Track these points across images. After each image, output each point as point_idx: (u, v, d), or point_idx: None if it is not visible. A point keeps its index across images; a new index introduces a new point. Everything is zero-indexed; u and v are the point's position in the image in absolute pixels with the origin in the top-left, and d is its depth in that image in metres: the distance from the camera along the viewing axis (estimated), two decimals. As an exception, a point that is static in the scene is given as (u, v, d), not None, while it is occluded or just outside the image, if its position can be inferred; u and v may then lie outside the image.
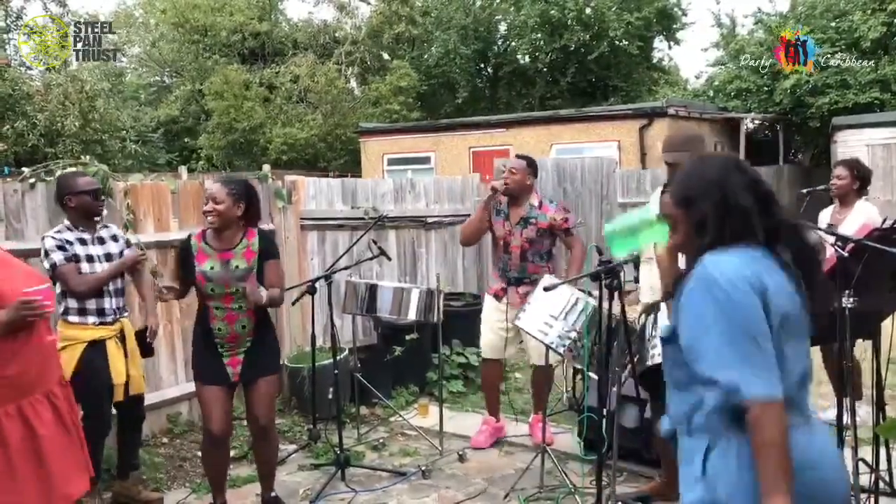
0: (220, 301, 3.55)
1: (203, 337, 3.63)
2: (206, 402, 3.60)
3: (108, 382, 3.73)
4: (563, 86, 22.29)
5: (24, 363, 2.86)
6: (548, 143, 15.05)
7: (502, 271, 4.67)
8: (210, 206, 3.48)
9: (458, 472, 4.42)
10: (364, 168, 17.71)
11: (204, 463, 3.85)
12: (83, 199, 3.79)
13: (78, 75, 16.88)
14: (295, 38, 24.57)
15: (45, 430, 2.87)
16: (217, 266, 3.54)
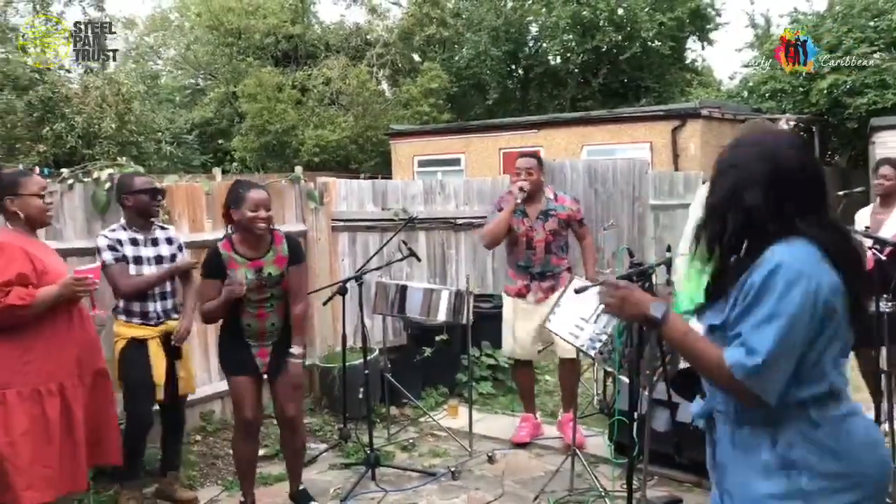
0: (255, 303, 3.61)
1: (231, 331, 3.68)
2: (237, 390, 3.65)
3: (148, 381, 3.78)
4: (594, 87, 22.16)
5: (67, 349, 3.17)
6: (579, 144, 14.96)
7: (524, 268, 4.67)
8: (263, 214, 3.52)
9: (488, 474, 4.42)
10: (394, 170, 17.76)
11: (235, 453, 3.87)
12: (140, 198, 3.86)
13: (115, 78, 17.18)
14: (327, 40, 24.73)
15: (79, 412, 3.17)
16: (251, 275, 3.57)
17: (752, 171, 1.78)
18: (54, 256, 3.33)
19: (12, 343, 3.06)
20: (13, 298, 2.97)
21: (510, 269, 4.79)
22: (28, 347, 3.07)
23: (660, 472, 4.16)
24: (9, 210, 3.18)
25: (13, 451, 3.00)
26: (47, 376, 3.09)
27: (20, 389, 3.05)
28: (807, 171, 1.78)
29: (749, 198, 1.76)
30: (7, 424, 3.01)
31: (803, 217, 1.74)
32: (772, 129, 1.88)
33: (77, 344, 3.22)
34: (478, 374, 5.83)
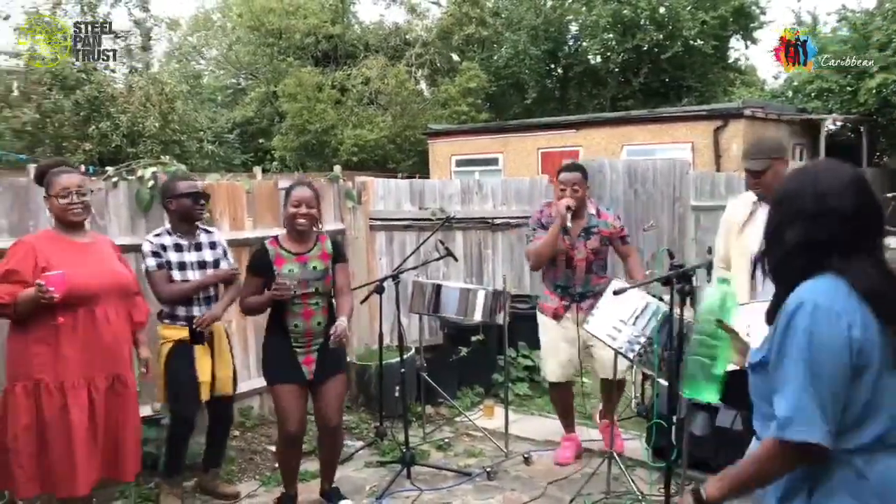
0: (299, 299, 3.65)
1: (278, 336, 3.70)
2: (284, 401, 3.65)
3: (193, 382, 3.83)
4: (635, 86, 21.92)
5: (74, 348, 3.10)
6: (619, 144, 14.83)
7: (563, 289, 4.41)
8: (305, 210, 3.61)
9: (524, 475, 4.40)
10: (432, 169, 17.79)
11: (280, 461, 3.93)
12: (182, 202, 3.91)
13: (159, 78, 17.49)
14: (366, 40, 24.86)
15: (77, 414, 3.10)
16: (296, 269, 3.64)
17: (798, 206, 1.73)
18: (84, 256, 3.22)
19: (22, 337, 3.08)
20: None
21: (546, 289, 4.52)
22: (35, 342, 3.07)
23: (698, 477, 4.09)
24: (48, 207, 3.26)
25: (17, 444, 3.04)
26: (52, 374, 3.07)
27: (25, 384, 3.06)
28: (859, 210, 1.70)
29: (789, 235, 1.72)
30: (13, 416, 3.05)
31: (846, 256, 1.67)
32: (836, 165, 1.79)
33: (94, 347, 3.16)
34: (514, 375, 5.80)
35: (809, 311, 1.62)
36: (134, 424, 3.38)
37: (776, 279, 1.78)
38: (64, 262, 3.08)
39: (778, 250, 1.76)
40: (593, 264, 4.39)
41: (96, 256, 3.29)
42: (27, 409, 3.04)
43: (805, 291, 1.66)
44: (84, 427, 3.10)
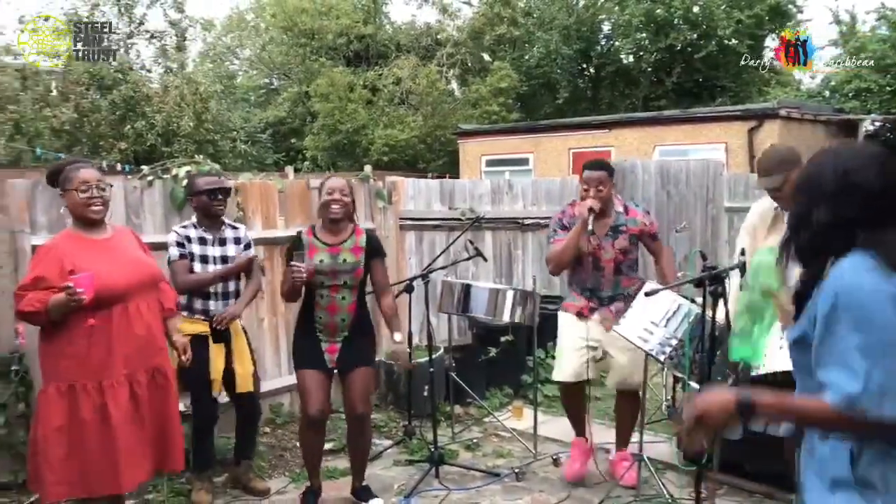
0: (328, 291, 3.70)
1: (304, 325, 3.80)
2: (305, 384, 3.74)
3: (206, 375, 3.88)
4: (667, 86, 21.71)
5: (111, 347, 3.04)
6: (651, 144, 14.69)
7: (591, 291, 4.19)
8: (338, 196, 3.68)
9: (552, 476, 4.38)
10: (462, 169, 17.79)
11: (301, 445, 3.99)
12: (201, 198, 3.99)
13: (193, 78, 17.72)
14: (398, 40, 24.94)
15: (117, 413, 3.04)
16: (326, 259, 3.70)
17: (821, 186, 1.73)
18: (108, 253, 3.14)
19: (55, 339, 3.02)
20: (25, 305, 2.94)
21: (573, 289, 4.29)
22: (68, 343, 3.00)
23: (730, 481, 4.05)
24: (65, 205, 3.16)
25: (47, 445, 2.98)
26: (85, 374, 3.01)
27: (58, 385, 3.00)
28: (886, 188, 1.69)
29: (816, 216, 1.72)
30: (45, 418, 3.00)
31: (877, 231, 1.67)
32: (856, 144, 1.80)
33: (132, 343, 3.10)
34: (543, 376, 5.78)
35: (854, 289, 1.62)
36: (176, 413, 3.37)
37: (804, 260, 1.78)
38: (90, 262, 3.02)
39: (805, 232, 1.75)
40: (622, 265, 4.17)
41: (120, 251, 3.21)
42: (60, 411, 2.99)
43: (845, 270, 1.65)
44: (126, 425, 3.06)
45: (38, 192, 4.12)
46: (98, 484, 3.04)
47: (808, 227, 1.74)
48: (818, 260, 1.74)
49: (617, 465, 4.30)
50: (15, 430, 3.96)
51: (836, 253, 1.70)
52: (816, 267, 1.74)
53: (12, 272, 4.02)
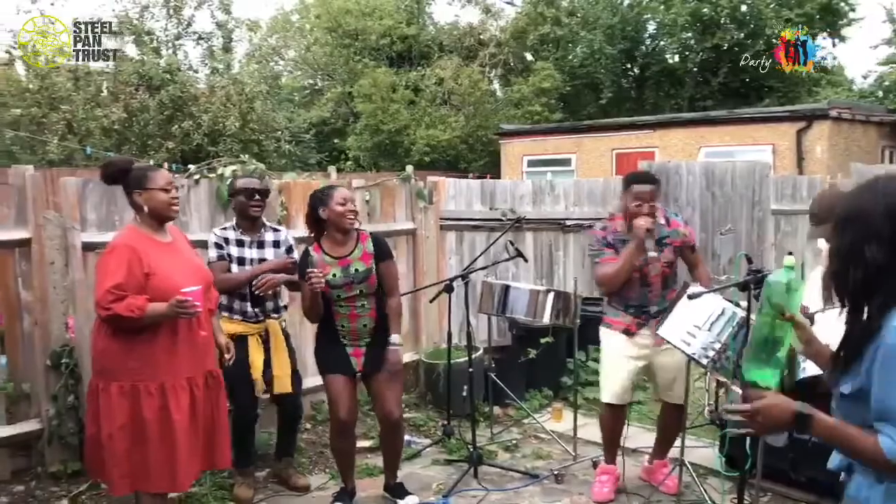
0: (345, 302, 3.70)
1: (328, 331, 3.78)
2: (333, 390, 3.76)
3: (246, 376, 3.92)
4: (713, 86, 21.39)
5: (175, 351, 3.12)
6: (696, 145, 14.49)
7: (637, 308, 3.98)
8: (352, 207, 3.67)
9: (592, 479, 4.34)
10: (503, 169, 17.75)
11: (332, 448, 4.02)
12: (238, 199, 4.04)
13: (239, 78, 17.98)
14: (441, 40, 25.00)
15: (179, 415, 3.11)
16: (339, 272, 3.67)
17: (872, 224, 1.66)
18: (173, 255, 3.24)
19: (119, 338, 3.08)
20: (122, 309, 2.97)
21: (612, 305, 4.07)
22: (133, 345, 3.07)
23: (774, 488, 3.97)
24: (137, 203, 3.20)
25: (112, 442, 3.06)
26: (149, 375, 3.08)
27: (122, 384, 3.06)
28: None
29: (870, 253, 1.65)
30: (109, 416, 3.07)
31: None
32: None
33: (188, 345, 3.18)
34: (583, 379, 5.74)
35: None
36: (226, 414, 3.47)
37: (855, 299, 1.71)
38: (163, 266, 3.12)
39: (858, 270, 1.68)
40: (668, 278, 4.02)
41: (184, 255, 3.32)
42: (123, 410, 3.06)
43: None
44: (185, 427, 3.13)
45: (89, 190, 4.23)
46: (157, 480, 3.13)
47: (860, 265, 1.67)
48: (869, 302, 1.68)
49: (656, 472, 4.23)
50: (65, 421, 4.07)
51: (889, 296, 1.64)
52: (864, 309, 1.68)
53: (63, 267, 4.13)
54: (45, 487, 4.01)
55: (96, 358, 3.19)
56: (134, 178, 3.21)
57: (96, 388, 3.14)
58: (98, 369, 3.17)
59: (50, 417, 4.09)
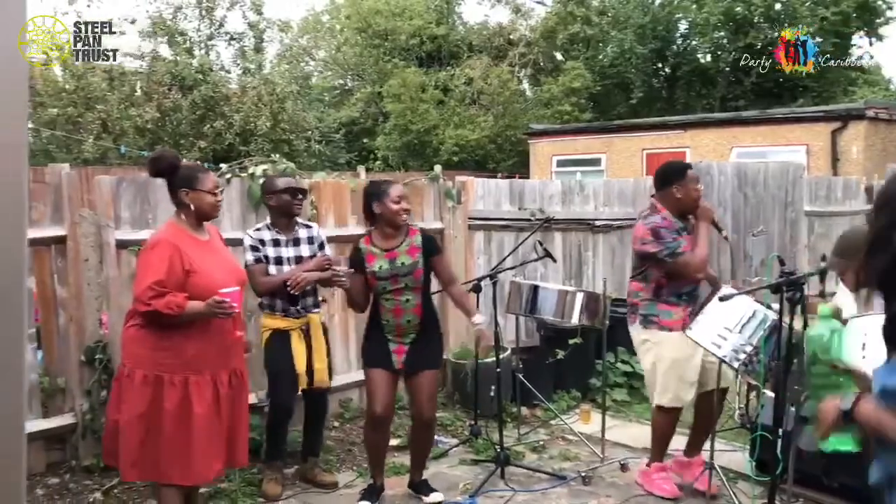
0: (391, 295, 3.74)
1: (373, 327, 3.85)
2: (371, 383, 3.81)
3: (290, 370, 3.98)
4: (746, 86, 21.09)
5: (204, 347, 3.17)
6: (728, 146, 14.31)
7: (689, 295, 4.05)
8: (405, 206, 3.75)
9: (620, 482, 4.32)
10: (532, 169, 17.68)
11: (365, 442, 4.06)
12: (282, 197, 4.07)
13: (270, 79, 18.12)
14: (470, 40, 24.98)
15: (200, 408, 3.14)
16: (385, 264, 3.73)
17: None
18: (212, 254, 3.30)
19: (150, 329, 3.13)
20: (162, 305, 3.02)
21: (662, 303, 4.02)
22: (163, 337, 3.12)
23: (805, 493, 3.91)
24: (183, 202, 3.24)
25: (127, 429, 3.10)
26: (175, 368, 3.12)
27: (146, 374, 3.10)
28: None
29: None
30: (128, 403, 3.11)
31: None
32: None
33: (217, 342, 3.22)
34: (612, 380, 5.70)
35: None
36: (247, 412, 3.52)
37: (886, 288, 1.68)
38: (204, 264, 3.17)
39: (883, 254, 1.65)
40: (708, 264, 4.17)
41: (221, 253, 3.38)
42: (144, 398, 3.10)
43: None
44: (205, 421, 3.16)
45: (123, 189, 4.30)
46: (169, 472, 3.16)
47: (888, 251, 1.64)
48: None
49: (694, 468, 4.19)
50: (98, 415, 4.14)
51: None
52: None
53: (97, 264, 4.20)
54: (79, 481, 4.08)
55: (125, 345, 3.25)
56: (182, 177, 3.26)
57: (121, 375, 3.21)
58: (126, 357, 3.23)
59: (84, 412, 4.16)
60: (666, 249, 3.92)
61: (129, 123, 15.73)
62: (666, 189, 4.05)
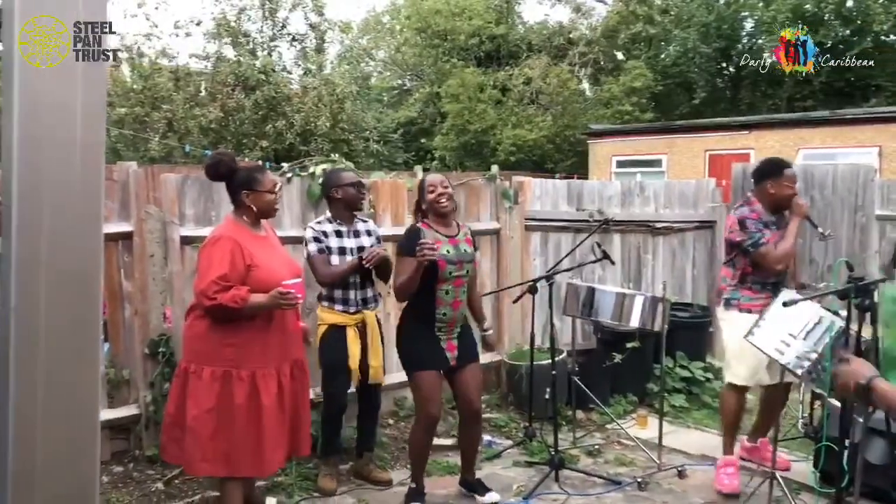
0: (452, 285, 3.72)
1: (423, 324, 3.74)
2: (428, 386, 3.72)
3: (344, 365, 4.03)
4: (815, 85, 20.47)
5: (266, 340, 3.25)
6: (794, 147, 13.93)
7: (775, 285, 4.14)
8: (442, 190, 3.74)
9: (676, 489, 4.24)
10: (591, 170, 17.51)
11: (414, 444, 3.91)
12: (348, 190, 4.14)
13: (331, 79, 18.35)
14: (529, 40, 24.86)
15: (268, 401, 3.22)
16: (451, 249, 3.73)
17: None
18: (270, 249, 3.39)
19: (214, 325, 3.20)
20: (227, 299, 3.09)
21: (747, 290, 4.19)
22: (227, 333, 3.19)
23: (873, 508, 3.77)
24: (244, 203, 3.33)
25: (197, 424, 3.17)
26: (240, 362, 3.19)
27: (214, 370, 3.18)
28: None
29: None
30: (197, 399, 3.19)
31: None
32: None
33: (278, 334, 3.30)
34: (670, 386, 5.60)
35: None
36: (308, 403, 3.61)
37: None
38: (264, 258, 3.26)
39: None
40: (794, 257, 4.33)
41: (277, 248, 3.49)
42: (214, 393, 3.18)
43: None
44: (273, 414, 3.24)
45: (187, 187, 4.41)
46: (240, 465, 3.24)
47: None
48: None
49: (762, 450, 4.39)
50: (161, 407, 4.24)
51: None
52: None
53: (162, 260, 4.32)
54: (142, 470, 4.20)
55: (189, 342, 3.32)
56: (242, 179, 3.35)
57: (185, 372, 3.27)
58: (190, 354, 3.30)
59: (147, 403, 4.29)
60: (749, 239, 4.11)
61: (193, 123, 16.10)
62: (762, 184, 4.22)
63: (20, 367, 0.69)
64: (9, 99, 0.70)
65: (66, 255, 0.71)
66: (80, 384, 0.72)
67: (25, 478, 0.69)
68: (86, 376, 0.72)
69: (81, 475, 0.73)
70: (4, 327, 0.70)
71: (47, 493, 0.70)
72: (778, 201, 4.18)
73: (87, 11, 0.71)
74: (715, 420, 4.98)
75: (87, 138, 0.71)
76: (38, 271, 0.69)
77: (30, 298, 0.69)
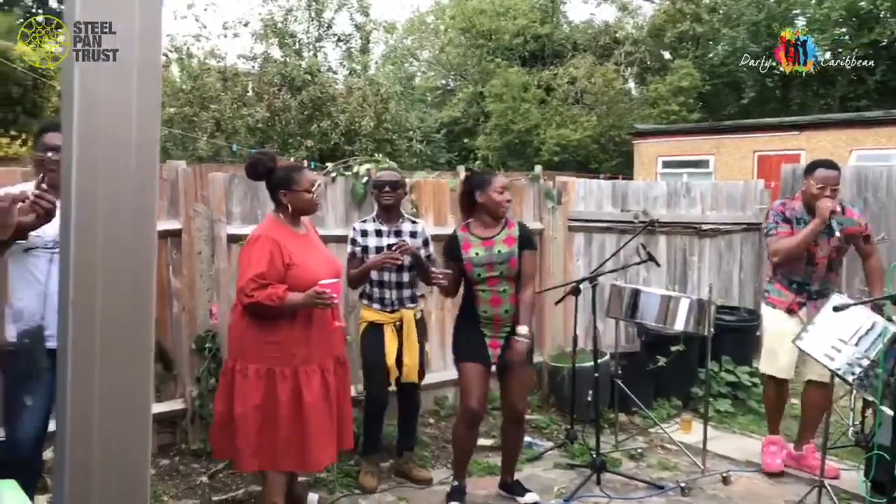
0: (486, 285, 3.75)
1: (469, 320, 3.83)
2: (466, 378, 3.78)
3: (382, 362, 4.07)
4: (869, 85, 19.93)
5: (308, 338, 3.30)
6: (847, 148, 13.57)
7: (800, 285, 4.32)
8: (508, 196, 3.80)
9: (720, 495, 4.17)
10: (636, 170, 17.30)
11: (455, 441, 3.96)
12: (375, 191, 4.21)
13: (375, 79, 18.47)
14: (574, 39, 24.68)
15: (310, 398, 3.27)
16: (481, 252, 3.76)
17: None
18: (310, 248, 3.44)
19: (258, 324, 3.27)
20: (264, 297, 3.16)
21: (778, 283, 4.41)
22: (271, 331, 3.25)
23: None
24: (281, 202, 3.40)
25: (244, 421, 3.24)
26: (284, 360, 3.25)
27: (258, 367, 3.25)
28: None
29: None
30: (244, 396, 3.26)
31: None
32: None
33: (321, 331, 3.36)
34: (715, 390, 5.51)
35: None
36: (350, 397, 3.66)
37: None
38: (303, 257, 3.32)
39: None
40: (834, 262, 4.33)
41: (318, 247, 3.54)
42: (259, 390, 3.25)
43: None
44: (317, 409, 3.29)
45: (234, 185, 4.48)
46: (286, 460, 3.31)
47: None
48: None
49: (806, 460, 4.38)
50: (206, 402, 4.33)
51: None
52: None
53: (209, 257, 4.40)
54: (188, 463, 4.28)
55: (234, 341, 3.40)
56: (280, 179, 3.40)
57: (232, 370, 3.34)
58: (235, 352, 3.37)
59: (193, 398, 4.37)
60: (766, 229, 4.42)
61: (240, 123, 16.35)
62: (804, 181, 4.35)
63: (77, 358, 0.71)
64: (68, 98, 0.72)
65: (122, 251, 0.73)
66: (135, 378, 0.74)
67: (82, 470, 0.72)
68: (140, 370, 0.74)
69: (135, 468, 0.75)
70: (63, 321, 0.72)
71: (103, 486, 0.72)
72: (808, 200, 4.26)
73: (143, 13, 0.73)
74: (761, 426, 4.89)
75: (142, 137, 0.73)
76: (94, 267, 0.72)
77: (86, 294, 0.72)
